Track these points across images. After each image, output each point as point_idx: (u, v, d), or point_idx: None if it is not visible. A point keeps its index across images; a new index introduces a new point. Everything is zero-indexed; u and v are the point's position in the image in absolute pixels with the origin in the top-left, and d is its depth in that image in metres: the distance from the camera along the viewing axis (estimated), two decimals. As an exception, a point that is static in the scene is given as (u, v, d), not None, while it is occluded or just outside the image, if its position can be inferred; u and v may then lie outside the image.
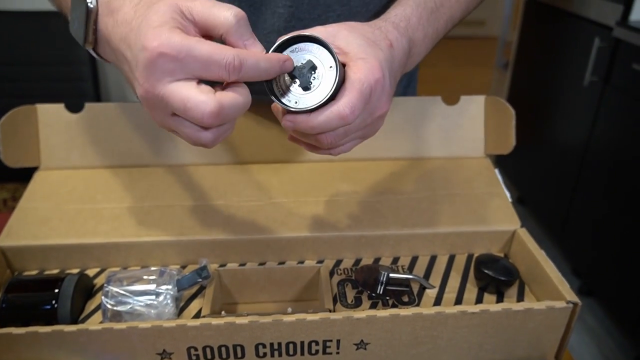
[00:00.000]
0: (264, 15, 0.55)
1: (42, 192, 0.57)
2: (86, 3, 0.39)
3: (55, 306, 0.45)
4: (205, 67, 0.34)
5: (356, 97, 0.37)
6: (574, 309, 0.44)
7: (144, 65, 0.34)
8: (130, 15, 0.37)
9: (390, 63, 0.41)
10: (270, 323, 0.42)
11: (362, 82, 0.37)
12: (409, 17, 0.46)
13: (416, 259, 0.55)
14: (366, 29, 0.42)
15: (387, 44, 0.42)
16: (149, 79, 0.34)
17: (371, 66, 0.38)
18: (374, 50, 0.40)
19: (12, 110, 0.56)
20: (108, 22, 0.39)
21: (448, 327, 0.44)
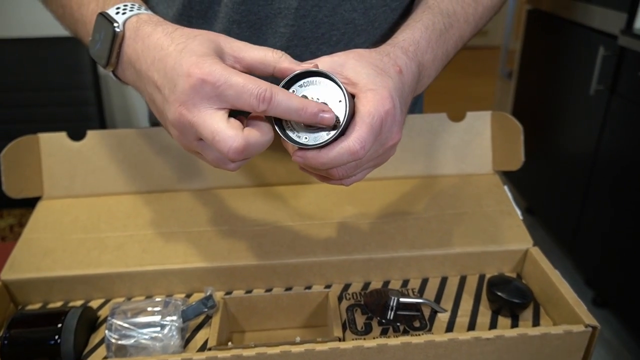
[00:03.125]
0: (265, 36, 0.54)
1: (45, 222, 0.56)
2: (113, 27, 0.41)
3: (59, 341, 0.44)
4: (238, 96, 0.35)
5: (366, 131, 0.37)
6: (593, 333, 0.43)
7: (184, 90, 0.36)
8: (164, 41, 0.39)
9: (401, 90, 0.41)
10: (279, 354, 0.41)
11: (372, 115, 0.37)
12: (417, 41, 0.45)
13: (426, 281, 0.54)
14: (374, 57, 0.41)
15: (397, 71, 0.41)
16: (186, 104, 0.36)
17: (381, 97, 0.38)
18: (383, 79, 0.39)
19: (14, 141, 0.56)
20: (136, 46, 0.40)
21: (462, 355, 0.42)
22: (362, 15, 0.54)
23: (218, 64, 0.36)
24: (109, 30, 0.41)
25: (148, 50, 0.39)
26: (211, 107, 0.36)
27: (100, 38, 0.42)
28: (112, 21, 0.41)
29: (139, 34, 0.41)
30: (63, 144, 0.59)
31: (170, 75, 0.37)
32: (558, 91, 1.82)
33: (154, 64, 0.38)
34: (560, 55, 1.79)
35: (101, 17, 0.42)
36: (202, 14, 0.54)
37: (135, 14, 0.42)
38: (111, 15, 0.42)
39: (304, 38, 0.54)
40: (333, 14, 0.53)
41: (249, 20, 0.53)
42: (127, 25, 0.41)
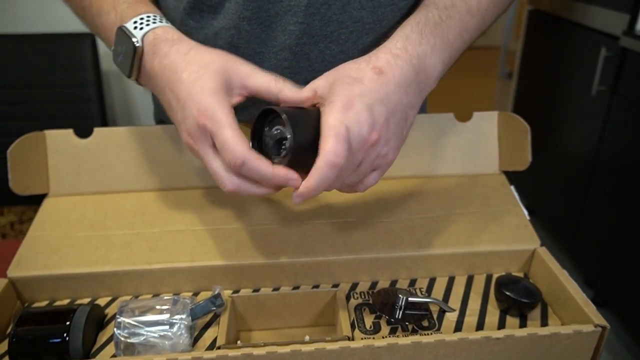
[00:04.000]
0: (275, 33, 0.54)
1: (52, 219, 0.56)
2: (133, 43, 0.44)
3: (67, 339, 0.44)
4: (221, 149, 0.40)
5: (334, 141, 0.39)
6: (602, 333, 0.43)
7: (192, 125, 0.41)
8: (179, 64, 0.43)
9: (377, 90, 0.42)
10: (289, 353, 0.41)
11: (333, 126, 0.39)
12: (407, 35, 0.46)
13: (434, 281, 0.54)
14: (350, 67, 0.43)
15: (375, 72, 0.42)
16: (193, 137, 0.41)
17: (340, 106, 0.40)
18: (348, 88, 0.41)
19: (21, 138, 0.56)
20: (154, 63, 0.44)
21: (472, 354, 0.42)
22: (370, 14, 0.54)
23: (220, 110, 0.40)
24: (130, 46, 0.44)
25: (164, 70, 0.43)
26: (210, 146, 0.41)
27: (122, 51, 0.45)
28: (131, 36, 0.44)
29: (156, 52, 0.44)
30: (69, 141, 0.58)
31: (183, 104, 0.42)
32: (559, 92, 1.82)
33: (168, 85, 0.43)
34: (562, 56, 1.79)
35: (121, 31, 0.45)
36: (212, 9, 0.54)
37: (152, 29, 0.45)
38: (130, 30, 0.44)
39: (312, 36, 0.54)
40: (342, 12, 0.53)
41: (259, 17, 0.53)
42: (145, 40, 0.44)
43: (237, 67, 0.43)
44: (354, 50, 0.56)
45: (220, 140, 0.40)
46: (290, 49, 0.54)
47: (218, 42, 0.56)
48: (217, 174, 0.41)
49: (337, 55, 0.56)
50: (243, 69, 0.43)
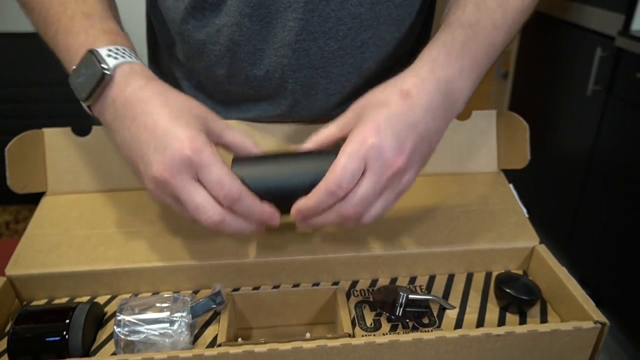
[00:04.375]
0: (275, 29, 0.54)
1: (50, 217, 0.56)
2: (102, 70, 0.42)
3: (66, 337, 0.44)
4: (213, 184, 0.39)
5: (340, 172, 0.40)
6: (602, 330, 0.43)
7: (174, 156, 0.39)
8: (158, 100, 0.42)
9: (404, 113, 0.41)
10: (290, 350, 0.41)
11: (347, 153, 0.40)
12: (434, 58, 0.45)
13: (434, 278, 0.54)
14: (376, 92, 0.43)
15: (401, 95, 0.42)
16: (171, 169, 0.39)
17: (364, 132, 0.40)
18: (376, 112, 0.41)
19: (19, 136, 0.55)
20: (126, 93, 0.42)
21: (472, 351, 0.43)
22: (368, 10, 0.55)
23: (209, 145, 0.40)
24: (97, 71, 0.42)
25: (139, 101, 0.41)
26: (193, 178, 0.40)
27: (85, 73, 0.43)
28: (103, 62, 0.42)
29: (129, 82, 0.42)
30: (68, 139, 0.58)
31: (161, 135, 0.40)
32: (555, 92, 1.83)
33: (142, 115, 0.41)
34: (557, 56, 1.80)
35: (91, 54, 0.43)
36: (214, 7, 0.54)
37: (129, 63, 0.43)
38: (102, 56, 0.43)
39: (311, 32, 0.54)
40: (340, 8, 0.53)
41: (260, 13, 0.53)
42: (118, 70, 0.43)
43: (214, 119, 0.44)
44: (353, 47, 0.56)
45: (214, 175, 0.39)
46: (289, 46, 0.55)
47: (220, 40, 0.55)
48: (201, 204, 0.40)
49: (335, 52, 0.56)
50: (220, 122, 0.44)
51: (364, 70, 0.59)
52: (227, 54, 0.56)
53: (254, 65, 0.57)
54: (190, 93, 0.64)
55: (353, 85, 0.60)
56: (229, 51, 0.56)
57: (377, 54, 0.58)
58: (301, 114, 0.60)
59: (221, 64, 0.58)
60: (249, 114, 0.61)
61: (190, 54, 0.59)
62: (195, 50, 0.58)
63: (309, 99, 0.59)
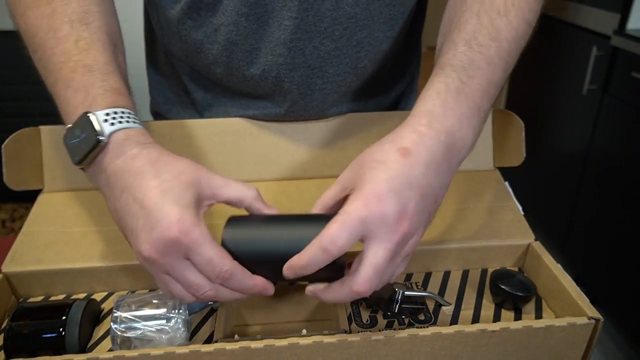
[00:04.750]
0: (271, 28, 0.54)
1: (46, 215, 0.56)
2: (97, 137, 0.40)
3: (63, 334, 0.44)
4: (202, 264, 0.38)
5: (336, 227, 0.37)
6: (595, 325, 0.43)
7: (160, 239, 0.37)
8: (148, 171, 0.39)
9: (405, 173, 0.39)
10: (286, 346, 0.41)
11: (345, 211, 0.37)
12: (430, 111, 0.42)
13: (430, 275, 0.54)
14: (374, 151, 0.41)
15: (401, 154, 0.39)
16: (159, 251, 0.38)
17: (363, 196, 0.38)
18: (372, 174, 0.38)
19: (16, 133, 0.55)
20: (117, 162, 0.40)
21: (468, 347, 0.43)
22: (363, 10, 0.55)
23: (197, 226, 0.38)
24: (92, 138, 0.40)
25: (129, 173, 0.40)
26: (184, 257, 0.38)
27: (80, 136, 0.41)
28: (99, 130, 0.40)
29: (122, 152, 0.41)
30: (64, 137, 0.58)
31: (149, 213, 0.38)
32: (551, 91, 1.84)
33: (131, 189, 0.39)
34: (553, 55, 1.81)
35: (87, 118, 0.41)
36: (210, 7, 0.54)
37: (124, 128, 0.42)
38: (99, 121, 0.41)
39: (307, 31, 0.54)
40: (336, 8, 0.54)
41: (257, 13, 0.53)
42: (113, 137, 0.41)
43: (209, 178, 0.42)
44: (348, 46, 0.56)
45: (204, 256, 0.38)
46: (285, 45, 0.55)
47: (217, 39, 0.56)
48: (195, 282, 0.39)
49: (331, 52, 0.56)
50: (215, 180, 0.42)
51: (359, 70, 0.59)
52: (225, 53, 0.56)
53: (250, 64, 0.57)
54: (190, 87, 0.64)
55: (349, 85, 0.60)
56: (226, 50, 0.56)
57: (371, 53, 0.59)
58: (298, 113, 0.60)
59: (219, 63, 0.58)
60: (248, 110, 0.61)
61: (189, 52, 0.59)
62: (193, 49, 0.58)
63: (306, 98, 0.59)
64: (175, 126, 0.60)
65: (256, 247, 0.42)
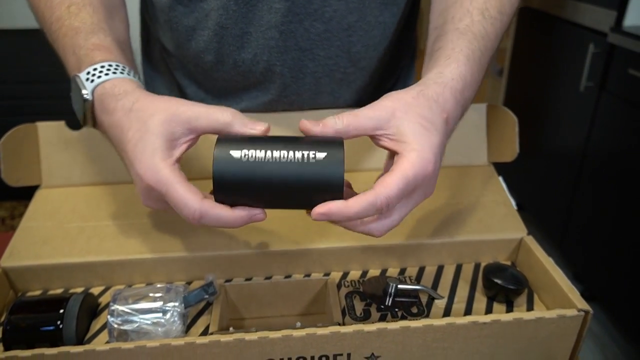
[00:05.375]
0: (261, 12, 0.55)
1: (44, 210, 0.56)
2: (83, 96, 0.42)
3: (61, 327, 0.45)
4: (176, 206, 0.40)
5: (396, 191, 0.38)
6: (585, 317, 0.44)
7: (140, 187, 0.41)
8: (124, 123, 0.41)
9: (443, 142, 0.41)
10: (280, 338, 0.41)
11: (408, 178, 0.38)
12: (464, 76, 0.44)
13: (423, 269, 0.55)
14: (423, 106, 0.41)
15: (444, 119, 0.41)
16: (145, 197, 0.42)
17: (422, 160, 0.39)
18: (429, 137, 0.40)
19: (13, 129, 0.56)
20: (103, 120, 0.43)
21: (459, 338, 0.43)
22: None
23: (163, 170, 0.39)
24: (80, 97, 0.43)
25: (112, 128, 0.42)
26: (163, 200, 0.40)
27: (75, 100, 0.44)
28: (82, 87, 0.42)
29: (103, 108, 0.42)
30: (61, 133, 0.59)
31: (130, 165, 0.41)
32: (548, 88, 1.84)
33: (119, 145, 0.42)
34: (551, 53, 1.81)
35: (74, 80, 0.43)
36: None
37: (100, 83, 0.42)
38: (82, 80, 0.43)
39: (297, 14, 0.55)
40: None
41: None
42: (95, 94, 0.42)
43: (181, 113, 0.40)
44: (339, 29, 0.57)
45: (172, 201, 0.39)
46: (276, 27, 0.55)
47: (208, 24, 0.56)
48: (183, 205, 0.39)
49: (322, 34, 0.57)
50: (188, 113, 0.40)
51: (352, 55, 0.60)
52: (215, 39, 0.57)
53: (241, 49, 0.57)
54: (183, 83, 0.65)
55: (342, 71, 0.60)
56: (216, 35, 0.57)
57: (364, 38, 0.59)
58: (291, 98, 0.60)
59: (209, 50, 0.58)
60: (241, 103, 0.62)
61: (179, 42, 0.60)
62: (184, 37, 0.59)
63: (298, 82, 0.59)
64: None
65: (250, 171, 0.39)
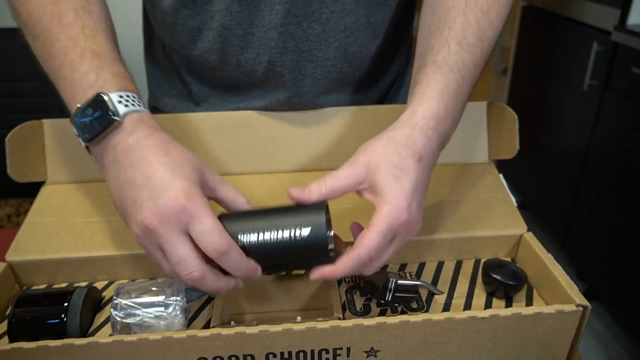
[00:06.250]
0: (262, 13, 0.56)
1: (49, 206, 0.57)
2: (112, 117, 0.42)
3: (65, 320, 0.45)
4: (202, 235, 0.39)
5: (374, 247, 0.41)
6: (583, 312, 0.44)
7: (165, 205, 0.39)
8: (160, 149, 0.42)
9: (419, 180, 0.43)
10: (281, 332, 0.42)
11: (384, 232, 0.41)
12: (437, 113, 0.45)
13: (423, 265, 0.56)
14: (392, 154, 0.43)
15: (416, 160, 0.43)
16: (161, 218, 0.39)
17: (395, 210, 0.41)
18: (401, 185, 0.42)
19: (19, 126, 0.57)
20: (129, 140, 0.42)
21: (458, 333, 0.44)
22: None
23: (203, 198, 0.40)
24: (106, 117, 0.42)
25: (141, 148, 0.42)
26: (181, 230, 0.39)
27: (91, 115, 0.43)
28: (114, 110, 0.42)
29: (135, 130, 0.43)
30: (67, 130, 0.59)
31: (156, 184, 0.40)
32: (552, 86, 1.84)
33: (141, 162, 0.41)
34: (554, 51, 1.81)
35: (102, 98, 0.43)
36: None
37: (138, 111, 0.44)
38: (114, 102, 0.43)
39: (296, 15, 0.56)
40: None
41: None
42: (127, 118, 0.43)
43: (212, 172, 0.44)
44: (336, 30, 0.58)
45: (205, 226, 0.39)
46: (276, 29, 0.56)
47: (213, 25, 0.57)
48: (185, 258, 0.39)
49: (319, 35, 0.58)
50: (216, 177, 0.44)
51: (349, 55, 0.61)
52: (219, 39, 0.58)
53: (244, 49, 0.58)
54: (188, 79, 0.65)
55: (339, 71, 0.61)
56: (220, 36, 0.58)
57: (361, 39, 0.60)
58: (292, 100, 0.61)
59: (213, 50, 0.59)
60: (245, 101, 0.63)
61: (184, 42, 0.61)
62: (188, 38, 0.59)
63: (297, 83, 0.60)
64: (174, 120, 0.61)
65: (251, 235, 0.43)
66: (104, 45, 0.46)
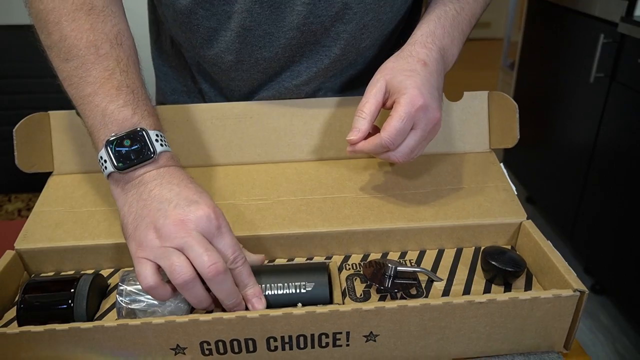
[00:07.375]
0: (284, 14, 0.57)
1: (56, 196, 0.58)
2: (151, 154, 0.46)
3: (72, 305, 0.47)
4: (225, 241, 0.44)
5: (395, 129, 0.49)
6: (580, 297, 0.45)
7: (196, 213, 0.43)
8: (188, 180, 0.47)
9: (428, 79, 0.51)
10: (281, 316, 0.43)
11: (402, 117, 0.49)
12: (433, 32, 0.55)
13: (424, 253, 0.56)
14: (401, 63, 0.53)
15: (422, 65, 0.52)
16: (189, 218, 0.43)
17: (411, 97, 0.49)
18: (413, 79, 0.50)
19: (26, 118, 0.58)
20: (160, 171, 0.46)
21: (456, 318, 0.44)
22: None
23: (226, 219, 0.46)
24: (145, 152, 0.46)
25: (172, 176, 0.46)
26: (201, 235, 0.43)
27: (128, 146, 0.46)
28: (152, 146, 0.46)
29: (168, 165, 0.47)
30: (73, 121, 0.61)
31: (186, 197, 0.44)
32: (558, 79, 1.83)
33: (170, 183, 0.46)
34: (561, 44, 1.80)
35: (143, 133, 0.46)
36: None
37: (169, 152, 0.48)
38: (152, 139, 0.47)
39: (319, 16, 0.56)
40: None
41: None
42: (161, 156, 0.47)
43: None
44: (356, 29, 0.59)
45: (228, 240, 0.45)
46: (298, 28, 0.57)
47: (231, 25, 0.58)
48: (211, 249, 0.43)
49: (341, 34, 0.59)
50: None
51: (361, 49, 0.62)
52: (237, 40, 0.58)
53: (263, 48, 0.59)
54: (198, 78, 0.66)
55: (349, 62, 0.63)
56: (239, 37, 0.58)
57: (374, 34, 0.61)
58: (301, 88, 0.63)
59: (231, 50, 0.60)
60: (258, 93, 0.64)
61: (199, 42, 0.61)
62: (204, 38, 0.60)
63: (310, 74, 0.62)
64: (178, 110, 0.62)
65: None
66: (136, 81, 0.50)
